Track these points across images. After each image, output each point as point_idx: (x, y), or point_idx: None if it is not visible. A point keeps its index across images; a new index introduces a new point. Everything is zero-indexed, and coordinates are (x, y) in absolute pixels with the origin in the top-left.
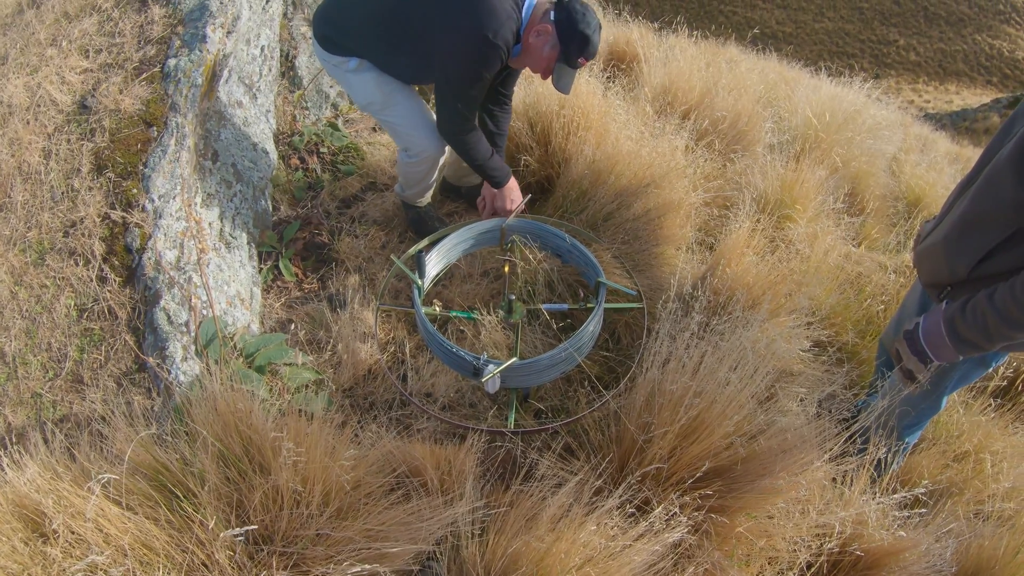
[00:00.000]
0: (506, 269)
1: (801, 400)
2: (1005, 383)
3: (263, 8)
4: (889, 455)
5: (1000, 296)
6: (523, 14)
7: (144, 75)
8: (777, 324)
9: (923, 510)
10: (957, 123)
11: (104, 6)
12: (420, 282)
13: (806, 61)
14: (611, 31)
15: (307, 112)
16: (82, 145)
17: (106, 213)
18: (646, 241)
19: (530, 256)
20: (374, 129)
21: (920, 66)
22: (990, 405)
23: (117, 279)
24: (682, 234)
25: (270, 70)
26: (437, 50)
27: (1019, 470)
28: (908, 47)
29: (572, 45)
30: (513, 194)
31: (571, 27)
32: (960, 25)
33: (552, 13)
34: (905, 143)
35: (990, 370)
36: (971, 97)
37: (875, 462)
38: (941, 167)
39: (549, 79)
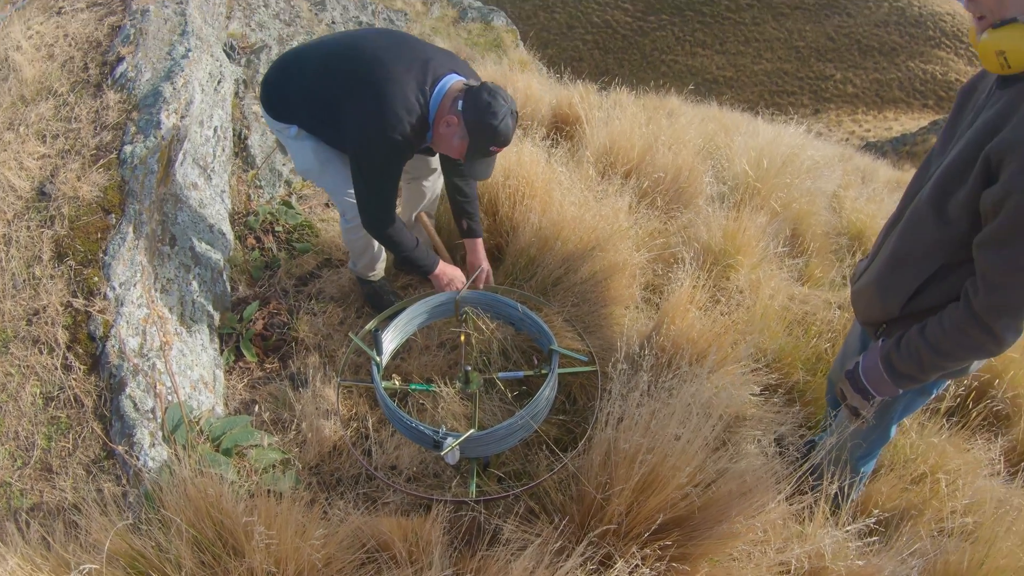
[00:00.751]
0: (462, 339)
1: (758, 442)
2: (958, 401)
3: (215, 89)
4: (846, 486)
5: (931, 330)
6: (432, 101)
7: (101, 162)
8: (726, 373)
9: (878, 538)
10: (898, 148)
11: (60, 90)
12: (378, 359)
13: (748, 104)
14: (555, 94)
15: (261, 191)
16: (42, 232)
17: (68, 301)
18: (595, 303)
19: (483, 327)
20: (327, 205)
21: (858, 97)
22: (944, 426)
23: (82, 367)
24: (629, 293)
25: (223, 150)
26: (347, 137)
27: (976, 485)
28: (845, 80)
29: (480, 136)
30: (444, 277)
31: (478, 119)
32: (893, 54)
33: (460, 102)
34: (844, 178)
35: (932, 397)
36: (909, 122)
37: (832, 495)
38: (881, 197)
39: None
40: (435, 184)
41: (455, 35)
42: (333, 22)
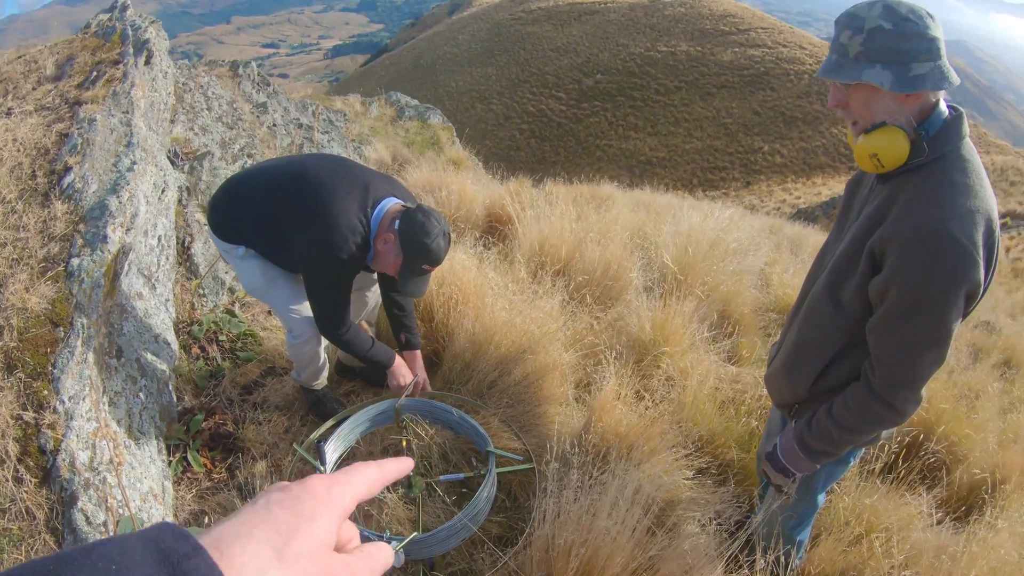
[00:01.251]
0: (404, 444)
1: (697, 522)
2: (893, 458)
3: (159, 198)
4: (783, 556)
5: (837, 409)
6: (373, 221)
7: (49, 273)
8: (658, 461)
9: None
10: (828, 212)
11: (8, 197)
12: (323, 468)
13: (682, 182)
14: (490, 192)
15: (204, 299)
16: None
17: (19, 414)
18: (529, 403)
19: (423, 432)
20: (269, 313)
21: (787, 166)
22: (879, 484)
23: (33, 480)
24: (561, 392)
25: (167, 259)
26: (297, 257)
27: (913, 538)
28: (773, 151)
29: (413, 255)
30: (400, 371)
31: (412, 237)
32: (816, 122)
33: (397, 222)
34: (773, 253)
35: (851, 465)
36: (837, 185)
37: (772, 566)
38: (808, 268)
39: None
40: (376, 294)
41: (393, 134)
42: (274, 124)
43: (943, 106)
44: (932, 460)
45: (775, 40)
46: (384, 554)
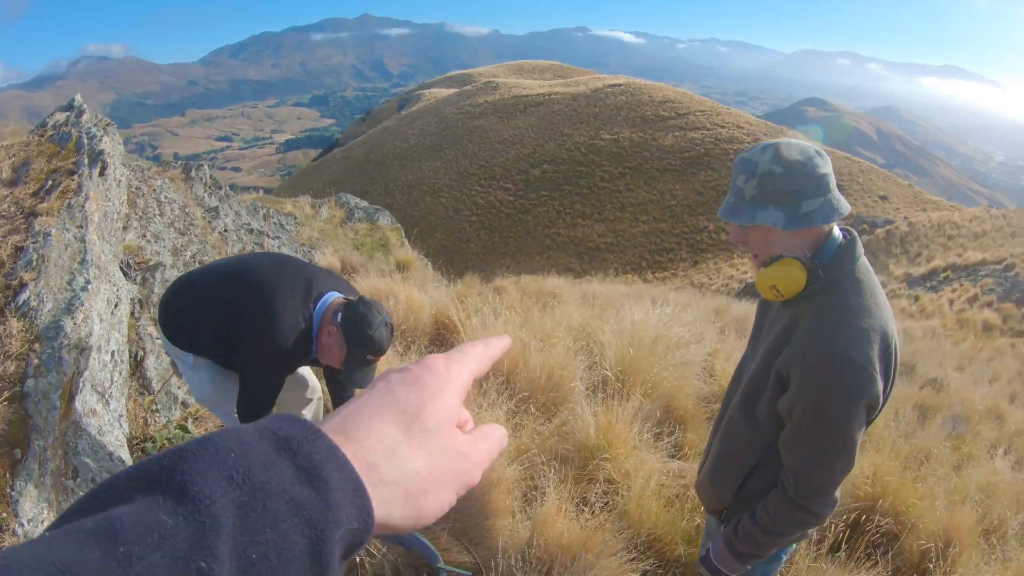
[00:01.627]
0: (358, 561)
1: None
2: (841, 535)
3: (111, 313)
4: None
5: (760, 515)
6: (315, 316)
7: (6, 394)
8: (603, 568)
9: None
10: None
11: None
12: None
13: (631, 266)
14: (438, 298)
15: (158, 415)
16: None
17: None
18: (478, 516)
19: (375, 550)
20: (222, 427)
21: (732, 243)
22: (826, 567)
23: None
24: (506, 505)
25: (120, 374)
26: (239, 358)
27: None
28: (718, 229)
29: (357, 346)
30: None
31: (354, 329)
32: None
33: (339, 315)
34: (715, 344)
35: (784, 561)
36: None
37: None
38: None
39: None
40: (315, 392)
41: (343, 236)
42: (226, 229)
43: (837, 232)
44: (881, 533)
45: (713, 122)
46: (499, 434)
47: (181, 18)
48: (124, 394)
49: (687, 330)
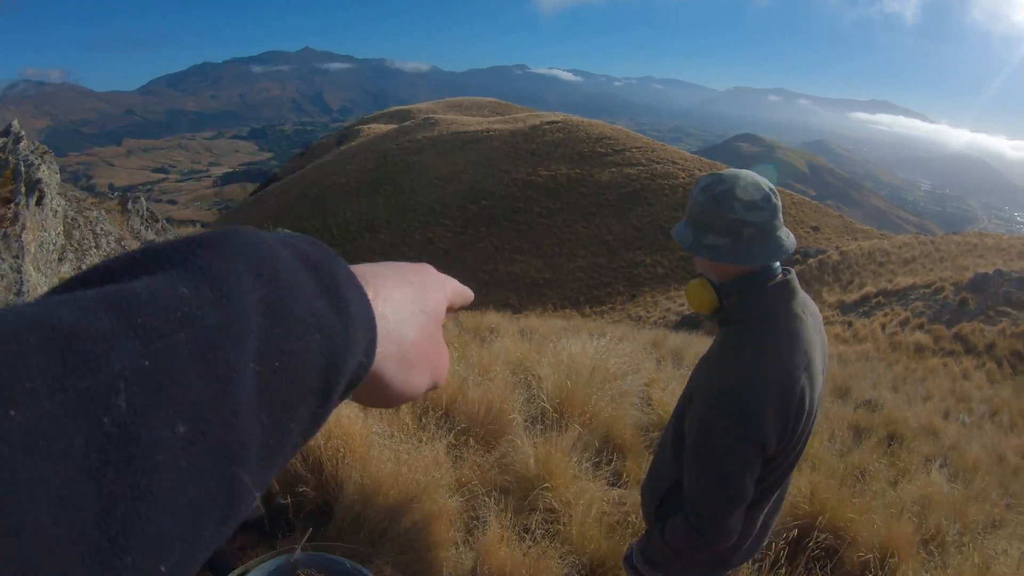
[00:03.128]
0: None
1: None
2: (782, 552)
3: None
4: None
5: (667, 529)
6: None
7: None
8: None
9: None
10: (711, 317)
11: None
12: None
13: (569, 300)
14: None
15: None
16: None
17: None
18: (421, 549)
19: None
20: None
21: (669, 275)
22: None
23: None
24: (449, 537)
25: None
26: None
27: None
28: (655, 263)
29: None
30: None
31: None
32: None
33: None
34: (652, 373)
35: None
36: None
37: None
38: (687, 377)
39: None
40: None
41: None
42: None
43: (771, 272)
44: (822, 548)
45: (649, 158)
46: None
47: (121, 45)
48: None
49: (624, 361)
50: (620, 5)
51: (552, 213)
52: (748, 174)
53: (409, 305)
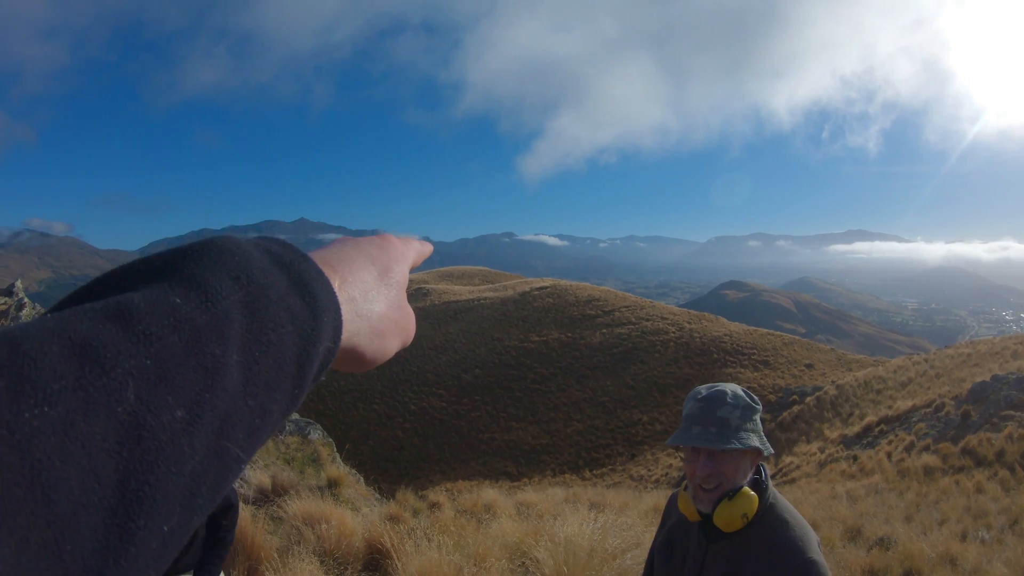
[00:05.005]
0: None
1: None
2: None
3: None
4: None
5: None
6: None
7: None
8: None
9: None
10: None
11: None
12: None
13: (568, 465)
14: (374, 515)
15: None
16: None
17: None
18: None
19: None
20: None
21: (668, 432)
22: None
23: None
24: None
25: None
26: None
27: None
28: (652, 420)
29: None
30: None
31: None
32: (689, 385)
33: None
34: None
35: None
36: None
37: None
38: None
39: None
40: None
41: (273, 449)
42: None
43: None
44: None
45: (638, 315)
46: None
47: (125, 206)
48: None
49: (623, 539)
50: (600, 171)
51: (546, 379)
52: (723, 383)
53: (375, 283)
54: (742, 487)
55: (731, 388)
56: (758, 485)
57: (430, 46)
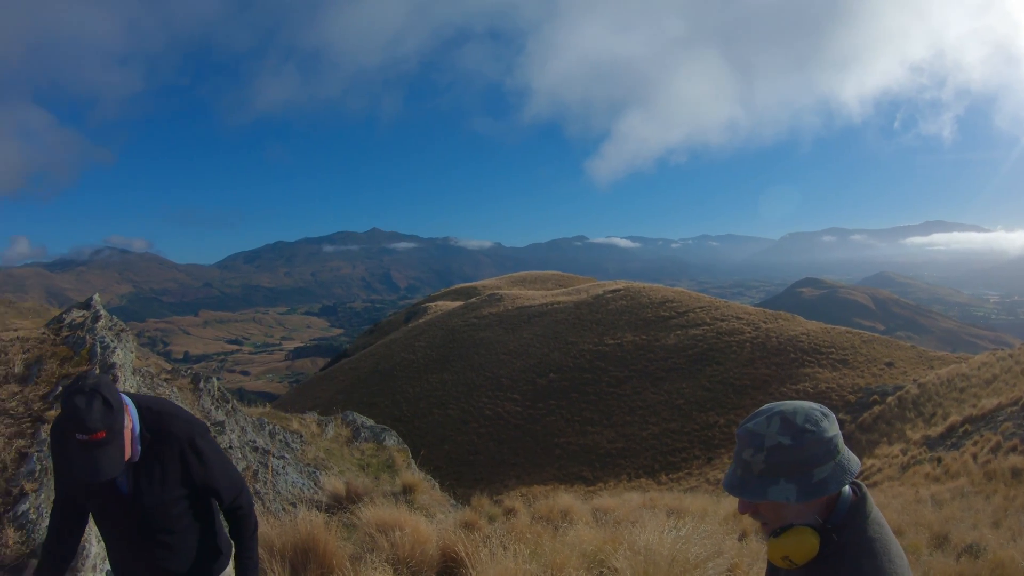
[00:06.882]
0: None
1: None
2: None
3: None
4: None
5: None
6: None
7: None
8: None
9: None
10: None
11: None
12: None
13: (644, 469)
14: (449, 521)
15: None
16: None
17: None
18: None
19: None
20: None
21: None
22: None
23: None
24: None
25: None
26: None
27: None
28: (728, 422)
29: (57, 427)
30: None
31: (61, 405)
32: (765, 385)
33: None
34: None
35: None
36: None
37: None
38: None
39: None
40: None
41: (348, 456)
42: (231, 446)
43: (847, 489)
44: None
45: (713, 316)
46: None
47: (201, 221)
48: None
49: (704, 547)
50: (670, 171)
51: (621, 381)
52: (788, 404)
53: None
54: (791, 526)
55: (779, 420)
56: (847, 520)
57: (495, 54)
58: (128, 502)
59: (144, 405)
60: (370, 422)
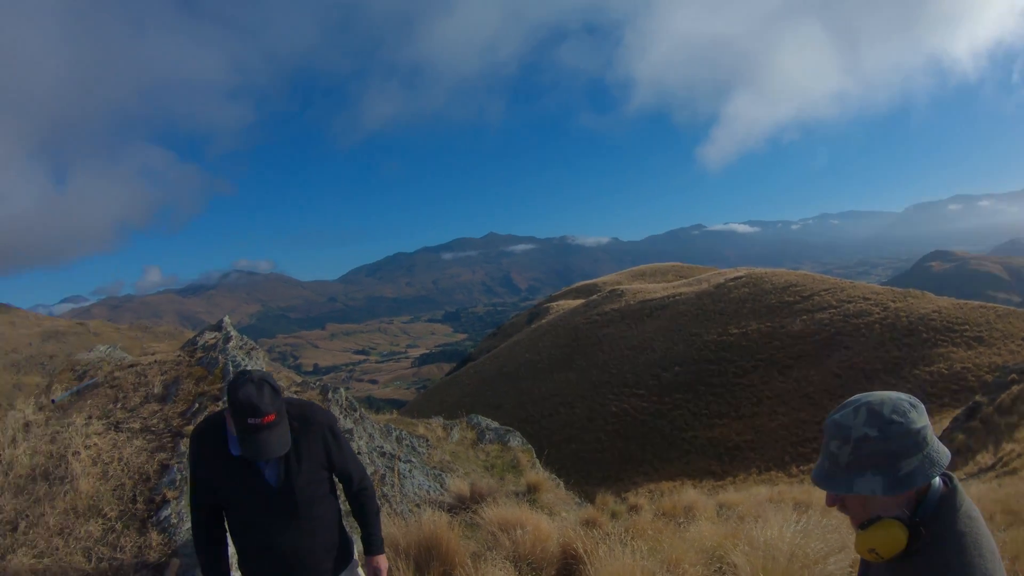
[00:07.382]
0: None
1: None
2: None
3: None
4: None
5: None
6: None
7: None
8: None
9: None
10: None
11: (110, 514)
12: None
13: (773, 462)
14: (566, 526)
15: None
16: None
17: None
18: None
19: None
20: None
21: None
22: None
23: None
24: None
25: None
26: None
27: None
28: None
29: (233, 412)
30: None
31: (228, 397)
32: (897, 368)
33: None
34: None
35: None
36: (935, 423)
37: None
38: None
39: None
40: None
41: (473, 458)
42: (359, 451)
43: (937, 482)
44: None
45: (839, 298)
46: None
47: (322, 240)
48: None
49: (826, 542)
50: (783, 150)
51: (747, 372)
52: (876, 395)
53: None
54: (878, 518)
55: (866, 411)
56: (937, 513)
57: (593, 49)
58: (274, 487)
59: (288, 401)
60: (494, 424)
